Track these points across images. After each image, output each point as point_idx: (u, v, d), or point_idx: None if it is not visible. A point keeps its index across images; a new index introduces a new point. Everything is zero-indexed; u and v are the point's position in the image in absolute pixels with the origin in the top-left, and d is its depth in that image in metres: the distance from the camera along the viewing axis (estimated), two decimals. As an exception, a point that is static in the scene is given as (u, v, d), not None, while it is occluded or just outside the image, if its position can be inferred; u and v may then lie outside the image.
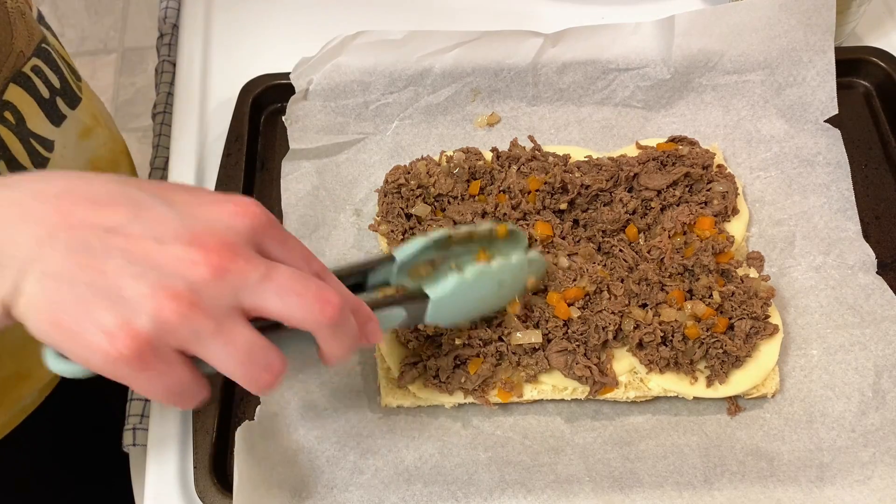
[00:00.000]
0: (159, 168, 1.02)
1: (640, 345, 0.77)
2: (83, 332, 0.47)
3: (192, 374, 0.51)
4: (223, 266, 0.48)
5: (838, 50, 0.92)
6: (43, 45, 0.86)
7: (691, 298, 0.78)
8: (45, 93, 0.86)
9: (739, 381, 0.77)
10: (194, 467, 0.77)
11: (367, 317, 0.59)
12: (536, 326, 0.78)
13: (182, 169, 0.98)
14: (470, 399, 0.78)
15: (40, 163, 0.85)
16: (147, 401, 0.85)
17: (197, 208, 0.50)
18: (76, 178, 0.52)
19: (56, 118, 0.88)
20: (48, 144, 0.86)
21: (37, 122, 0.85)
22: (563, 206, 0.85)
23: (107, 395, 0.87)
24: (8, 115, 0.81)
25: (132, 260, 0.47)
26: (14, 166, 0.81)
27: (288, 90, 0.94)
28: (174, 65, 1.08)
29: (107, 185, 0.51)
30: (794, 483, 0.74)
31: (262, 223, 0.52)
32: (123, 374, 0.48)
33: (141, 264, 0.47)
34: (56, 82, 0.88)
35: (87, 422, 1.07)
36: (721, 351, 0.76)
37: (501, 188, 0.86)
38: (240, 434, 0.73)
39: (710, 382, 0.77)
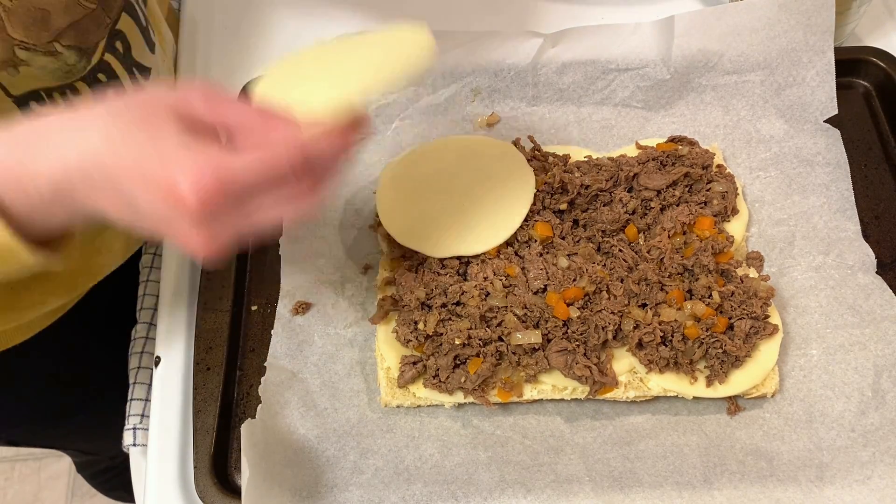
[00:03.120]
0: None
1: (640, 345, 0.77)
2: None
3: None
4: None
5: (838, 50, 0.92)
6: None
7: (691, 298, 0.79)
8: (143, 21, 0.90)
9: (739, 381, 0.77)
10: (194, 467, 0.77)
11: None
12: (536, 326, 0.78)
13: (182, 169, 0.98)
14: (470, 399, 0.78)
15: None
16: (147, 401, 0.85)
17: (148, 204, 0.57)
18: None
19: (150, 45, 0.92)
20: (146, 72, 0.91)
21: (140, 50, 0.89)
22: (563, 206, 0.85)
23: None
24: (118, 44, 0.84)
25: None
26: None
27: (288, 90, 0.94)
28: (174, 65, 1.08)
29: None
30: (793, 483, 0.74)
31: (202, 206, 0.56)
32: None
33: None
34: (144, 10, 0.92)
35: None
36: (721, 351, 0.76)
37: (501, 188, 0.87)
38: (245, 432, 0.73)
39: (709, 382, 0.77)
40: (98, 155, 0.57)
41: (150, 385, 0.85)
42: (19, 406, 1.08)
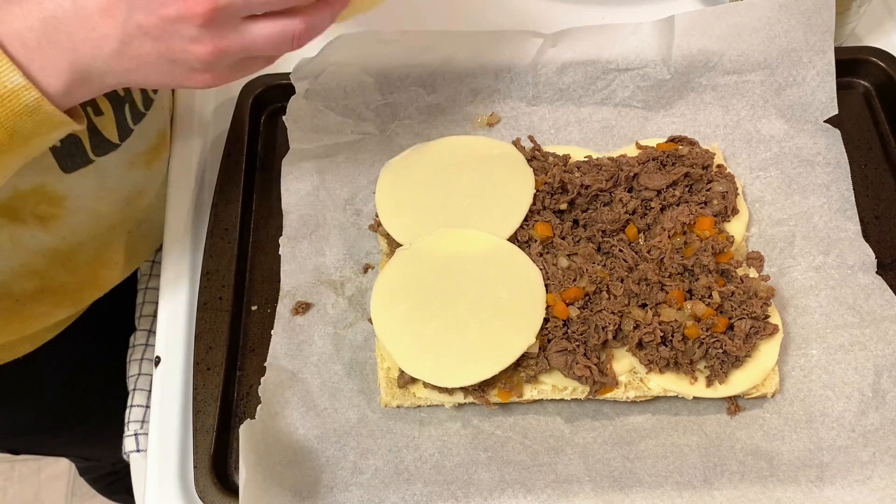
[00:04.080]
0: (159, 168, 1.02)
1: (640, 345, 0.77)
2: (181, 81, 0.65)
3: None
4: (211, 5, 0.60)
5: (838, 50, 0.92)
6: None
7: (691, 298, 0.79)
8: None
9: (739, 381, 0.77)
10: (194, 467, 0.77)
11: None
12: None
13: (183, 169, 0.98)
14: (470, 399, 0.78)
15: (147, 104, 0.90)
16: (147, 407, 0.85)
17: None
18: None
19: None
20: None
21: None
22: (563, 206, 0.85)
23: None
24: None
25: None
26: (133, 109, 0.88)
27: (288, 90, 0.94)
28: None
29: None
30: (793, 483, 0.74)
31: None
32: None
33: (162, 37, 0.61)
34: None
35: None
36: (721, 351, 0.76)
37: (501, 188, 0.86)
38: (243, 432, 0.73)
39: (709, 382, 0.77)
40: None
41: (149, 392, 0.85)
42: (22, 416, 1.08)
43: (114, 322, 1.02)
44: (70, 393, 1.10)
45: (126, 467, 0.93)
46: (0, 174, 0.65)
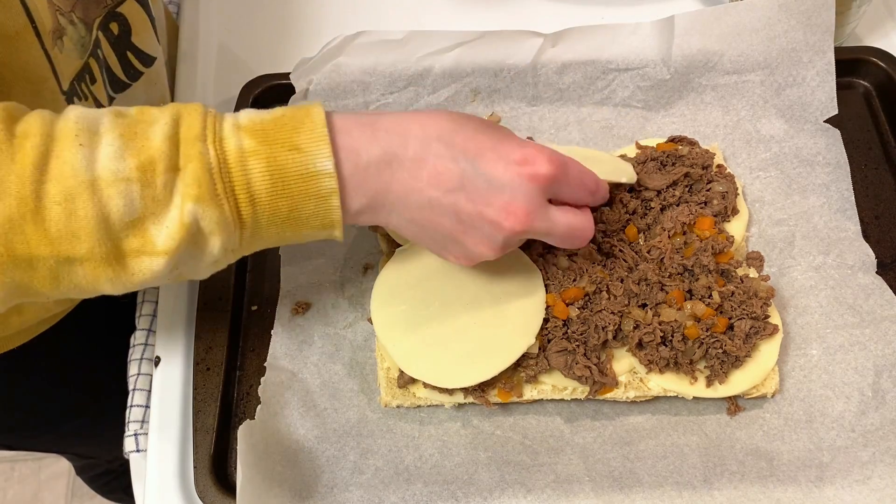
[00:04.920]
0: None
1: (640, 345, 0.77)
2: (442, 252, 0.71)
3: None
4: (523, 228, 0.66)
5: (838, 50, 0.92)
6: None
7: (691, 298, 0.79)
8: (154, 11, 0.92)
9: (739, 381, 0.77)
10: (194, 467, 0.77)
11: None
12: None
13: (182, 169, 0.98)
14: (470, 399, 0.78)
15: (133, 76, 0.91)
16: (147, 407, 0.85)
17: (501, 171, 0.65)
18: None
19: (159, 37, 0.94)
20: (148, 60, 0.92)
21: (144, 37, 0.90)
22: (563, 206, 0.84)
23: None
24: (113, 25, 0.85)
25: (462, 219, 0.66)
26: (111, 74, 0.88)
27: (288, 90, 0.94)
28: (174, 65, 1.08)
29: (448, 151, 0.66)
30: (793, 483, 0.74)
31: (549, 180, 0.66)
32: None
33: (467, 223, 0.66)
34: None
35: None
36: (721, 351, 0.76)
37: (501, 188, 0.86)
38: (241, 433, 0.73)
39: (709, 382, 0.77)
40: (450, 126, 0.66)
41: (149, 391, 0.85)
42: (14, 411, 1.08)
43: (114, 321, 1.02)
44: (64, 389, 1.10)
45: (122, 466, 0.93)
46: (257, 246, 0.67)
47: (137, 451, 0.83)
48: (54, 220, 0.57)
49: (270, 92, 0.99)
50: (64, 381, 1.09)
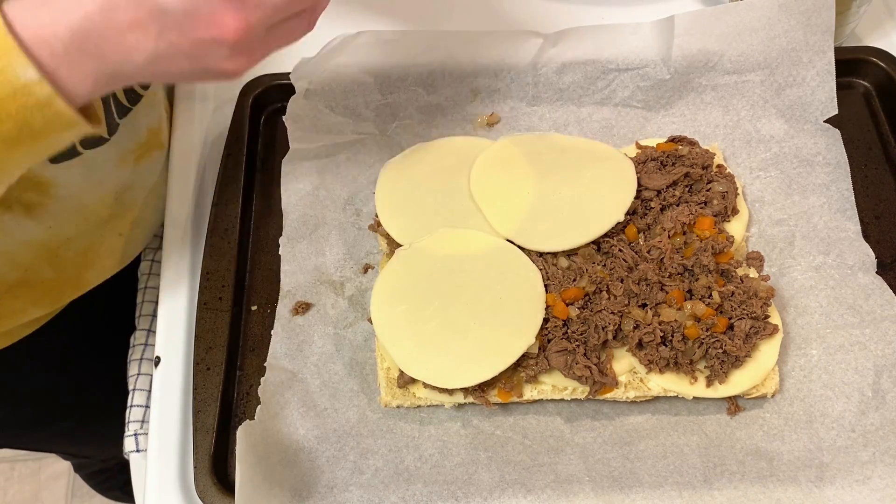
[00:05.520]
0: (159, 168, 1.02)
1: (640, 345, 0.77)
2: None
3: None
4: (240, 25, 0.62)
5: (838, 50, 0.92)
6: None
7: (691, 298, 0.79)
8: None
9: (739, 381, 0.77)
10: (194, 467, 0.77)
11: None
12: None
13: (183, 168, 0.98)
14: (470, 399, 0.78)
15: (133, 100, 0.91)
16: (147, 407, 0.85)
17: None
18: None
19: None
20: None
21: None
22: (563, 206, 0.85)
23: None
24: None
25: None
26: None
27: (288, 90, 0.94)
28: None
29: None
30: (793, 483, 0.74)
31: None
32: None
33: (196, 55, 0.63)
34: None
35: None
36: (721, 351, 0.76)
37: (501, 188, 0.86)
38: (240, 434, 0.73)
39: (709, 382, 0.77)
40: None
41: (149, 392, 0.85)
42: (1, 410, 1.08)
43: (114, 321, 1.02)
44: (55, 390, 1.10)
45: (117, 465, 0.93)
46: (8, 170, 0.65)
47: (137, 451, 0.83)
48: None
49: (270, 92, 0.99)
50: (52, 383, 1.09)
